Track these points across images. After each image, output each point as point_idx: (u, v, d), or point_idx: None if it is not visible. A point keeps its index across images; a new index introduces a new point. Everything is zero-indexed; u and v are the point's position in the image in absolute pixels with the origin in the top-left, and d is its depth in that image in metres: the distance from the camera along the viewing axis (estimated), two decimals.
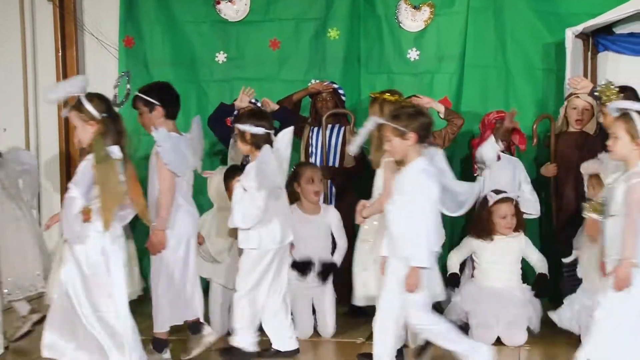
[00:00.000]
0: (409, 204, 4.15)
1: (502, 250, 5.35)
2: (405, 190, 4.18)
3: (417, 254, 4.12)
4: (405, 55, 6.62)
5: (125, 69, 6.83)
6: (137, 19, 6.88)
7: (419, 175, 4.16)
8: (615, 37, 6.40)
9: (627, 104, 4.08)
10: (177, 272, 4.74)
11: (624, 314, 3.94)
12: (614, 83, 4.64)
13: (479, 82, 6.46)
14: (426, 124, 4.24)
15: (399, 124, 4.20)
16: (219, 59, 6.83)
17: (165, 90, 4.95)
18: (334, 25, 6.67)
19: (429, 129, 4.28)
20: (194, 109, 6.81)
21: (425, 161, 4.21)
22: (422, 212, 4.12)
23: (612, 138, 4.03)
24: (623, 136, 3.97)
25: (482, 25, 6.45)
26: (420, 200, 4.13)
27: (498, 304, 5.19)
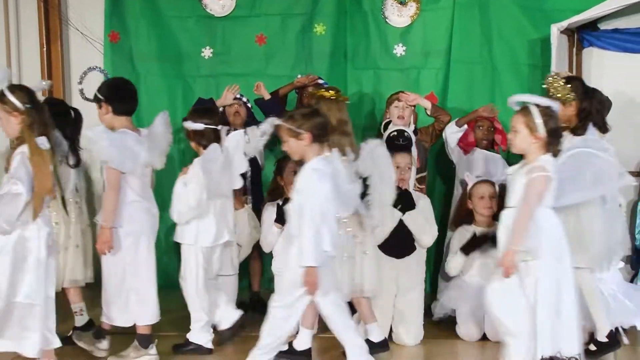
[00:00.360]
0: (302, 203, 4.15)
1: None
2: (298, 189, 4.19)
3: (303, 253, 4.11)
4: (392, 51, 6.63)
5: (110, 64, 6.83)
6: (122, 13, 6.84)
7: (310, 175, 4.16)
8: (599, 33, 6.44)
9: (526, 97, 4.13)
10: (130, 270, 4.70)
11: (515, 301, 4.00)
12: (560, 75, 4.71)
13: (465, 78, 6.49)
14: (321, 124, 4.24)
15: (293, 124, 4.21)
16: (205, 54, 6.81)
17: (115, 87, 4.87)
18: (321, 21, 6.68)
19: (324, 128, 4.26)
20: (180, 104, 6.81)
21: (320, 161, 4.20)
22: (311, 211, 4.10)
23: (512, 132, 4.08)
24: (522, 129, 4.02)
25: (468, 21, 6.48)
26: (309, 200, 4.12)
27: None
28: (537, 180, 3.96)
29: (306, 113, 4.28)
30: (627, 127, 6.30)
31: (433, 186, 6.43)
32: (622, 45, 6.41)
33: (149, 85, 6.83)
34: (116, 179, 4.62)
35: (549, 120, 4.00)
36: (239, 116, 6.00)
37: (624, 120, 6.26)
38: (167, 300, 5.00)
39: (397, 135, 5.15)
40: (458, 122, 5.88)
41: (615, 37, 6.42)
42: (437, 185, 6.52)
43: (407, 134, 5.18)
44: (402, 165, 5.06)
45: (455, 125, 5.86)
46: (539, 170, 3.96)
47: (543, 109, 4.01)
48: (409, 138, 5.15)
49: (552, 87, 4.63)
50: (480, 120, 5.87)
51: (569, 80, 4.69)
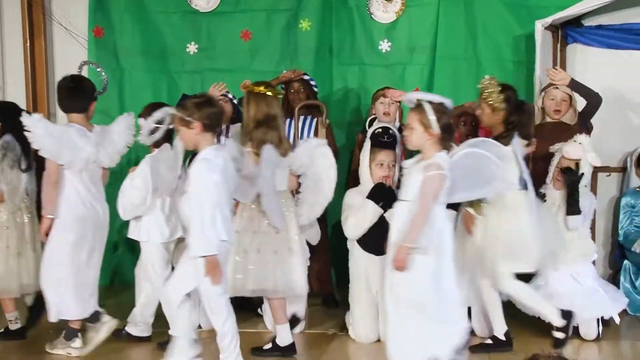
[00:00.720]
0: (192, 193, 4.17)
1: None
2: (190, 180, 4.21)
3: (194, 243, 4.14)
4: (377, 47, 6.63)
5: (95, 59, 6.79)
6: (106, 8, 6.80)
7: (199, 164, 4.18)
8: (583, 29, 6.46)
9: (420, 95, 4.18)
10: (70, 261, 4.74)
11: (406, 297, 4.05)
12: (497, 80, 4.79)
13: (450, 74, 6.49)
14: (212, 114, 4.25)
15: (184, 113, 4.24)
16: (190, 49, 6.79)
17: (60, 87, 4.91)
18: (306, 17, 6.66)
19: (215, 118, 4.27)
20: (164, 99, 6.75)
21: (211, 151, 4.22)
22: (200, 201, 4.12)
23: (408, 129, 4.13)
24: (417, 127, 4.06)
25: (453, 17, 6.49)
26: (198, 190, 4.14)
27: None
28: (433, 179, 3.98)
29: (198, 102, 4.27)
30: (611, 123, 6.34)
31: None
32: (605, 42, 6.43)
33: (134, 81, 6.80)
34: (54, 170, 4.70)
35: (442, 116, 4.04)
36: (225, 112, 5.99)
37: (608, 117, 6.30)
38: None
39: (381, 132, 5.13)
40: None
41: (599, 33, 6.44)
42: None
43: (392, 131, 5.17)
44: (386, 162, 5.06)
45: None
46: (435, 168, 3.99)
47: (436, 106, 4.05)
48: (393, 135, 5.14)
49: (486, 90, 4.70)
50: (464, 115, 5.87)
51: (503, 89, 4.74)
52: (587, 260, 5.17)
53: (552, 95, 5.71)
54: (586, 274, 5.13)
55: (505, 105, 4.72)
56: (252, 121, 4.77)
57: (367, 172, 5.11)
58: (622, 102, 6.42)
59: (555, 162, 5.15)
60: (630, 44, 6.38)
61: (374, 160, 5.08)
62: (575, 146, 5.11)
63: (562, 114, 5.72)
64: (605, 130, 6.20)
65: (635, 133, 6.43)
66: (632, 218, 6.01)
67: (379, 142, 5.10)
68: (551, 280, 5.10)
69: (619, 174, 6.40)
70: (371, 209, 5.01)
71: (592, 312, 5.02)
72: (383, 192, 5.02)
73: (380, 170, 5.05)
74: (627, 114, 6.46)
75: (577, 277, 5.09)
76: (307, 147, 4.90)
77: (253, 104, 4.80)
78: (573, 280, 5.08)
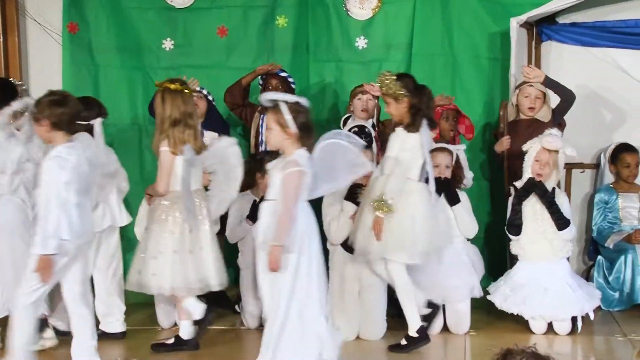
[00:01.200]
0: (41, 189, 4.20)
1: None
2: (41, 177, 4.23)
3: (37, 241, 4.15)
4: (354, 44, 6.64)
5: (69, 55, 6.74)
6: (81, 4, 6.73)
7: (50, 162, 4.20)
8: (558, 26, 6.51)
9: (275, 95, 4.25)
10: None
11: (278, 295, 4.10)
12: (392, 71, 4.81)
13: (426, 71, 6.50)
14: (62, 114, 4.24)
15: (35, 109, 4.29)
16: (165, 46, 6.75)
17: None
18: (282, 13, 6.65)
19: (66, 118, 4.25)
20: (140, 96, 6.75)
21: (64, 148, 4.20)
22: (48, 199, 4.13)
23: (267, 129, 4.20)
24: (274, 127, 4.12)
25: (429, 14, 6.50)
26: (47, 187, 4.16)
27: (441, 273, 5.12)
28: (291, 176, 4.04)
29: (50, 101, 4.28)
30: (584, 119, 6.40)
31: None
32: (579, 39, 6.48)
33: (109, 77, 6.75)
34: None
35: (298, 115, 4.09)
36: (198, 108, 5.96)
37: (581, 113, 6.37)
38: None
39: (358, 132, 5.11)
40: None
41: (573, 30, 6.49)
42: None
43: (368, 129, 5.16)
44: None
45: None
46: (292, 166, 4.05)
47: (292, 105, 4.10)
48: (369, 135, 5.14)
49: (383, 83, 4.72)
50: (446, 110, 5.88)
51: (399, 77, 4.77)
52: (563, 257, 5.21)
53: (527, 92, 5.76)
54: (561, 270, 5.18)
55: (405, 91, 4.70)
56: (168, 119, 4.76)
57: None
58: (595, 99, 6.48)
59: (531, 158, 5.18)
60: (604, 42, 6.43)
61: None
62: (554, 137, 5.15)
63: (536, 111, 5.77)
64: (578, 126, 6.27)
65: (608, 129, 6.50)
66: (605, 214, 6.07)
67: None
68: (525, 276, 5.15)
69: (593, 170, 6.47)
70: (351, 211, 5.00)
71: (566, 312, 5.07)
72: (357, 193, 5.00)
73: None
74: (600, 111, 6.53)
75: (552, 274, 5.13)
76: (219, 146, 4.93)
77: (169, 102, 4.78)
78: (548, 276, 5.12)
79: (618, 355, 4.75)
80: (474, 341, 5.08)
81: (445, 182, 5.17)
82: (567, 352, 4.87)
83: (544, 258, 5.14)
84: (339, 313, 4.97)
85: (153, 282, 4.71)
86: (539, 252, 5.15)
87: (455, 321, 5.20)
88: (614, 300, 5.70)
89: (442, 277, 5.09)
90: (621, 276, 5.71)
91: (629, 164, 6.07)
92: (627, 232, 5.88)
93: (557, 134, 5.21)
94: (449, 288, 5.10)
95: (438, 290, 5.09)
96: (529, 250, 5.18)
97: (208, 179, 4.98)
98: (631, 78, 6.41)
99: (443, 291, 5.10)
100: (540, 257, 5.15)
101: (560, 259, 5.18)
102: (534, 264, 5.17)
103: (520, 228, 5.18)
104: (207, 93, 6.08)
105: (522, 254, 5.21)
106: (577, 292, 5.12)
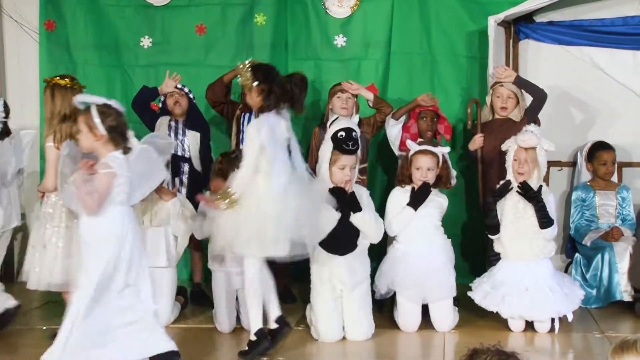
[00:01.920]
0: None
1: (425, 207, 5.20)
2: None
3: None
4: (332, 42, 6.64)
5: (46, 53, 6.70)
6: (58, 2, 6.71)
7: None
8: (535, 25, 6.56)
9: (87, 98, 4.23)
10: None
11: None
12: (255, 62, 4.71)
13: (404, 69, 6.54)
14: None
15: None
16: (144, 43, 6.72)
17: None
18: (261, 11, 6.64)
19: None
20: (118, 94, 6.71)
21: None
22: None
23: (79, 132, 4.18)
24: (83, 129, 4.12)
25: (407, 12, 6.52)
26: None
27: (422, 273, 5.10)
28: (100, 178, 4.04)
29: None
30: (562, 117, 6.46)
31: (374, 177, 6.48)
32: (557, 38, 6.52)
33: (87, 75, 6.70)
34: None
35: (107, 118, 4.09)
36: (179, 106, 5.96)
37: (559, 111, 6.44)
38: None
39: (345, 138, 4.94)
40: (394, 114, 5.86)
41: (551, 29, 6.53)
42: (378, 176, 6.55)
43: (355, 133, 4.98)
44: (348, 165, 4.95)
45: (392, 119, 5.86)
46: (102, 167, 4.06)
47: (100, 108, 4.11)
48: (356, 139, 4.98)
49: (241, 74, 4.67)
50: (424, 110, 5.90)
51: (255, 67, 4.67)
52: (545, 257, 5.20)
53: (498, 92, 5.81)
54: (542, 271, 5.17)
55: (253, 79, 4.59)
56: (58, 115, 4.77)
57: (327, 172, 4.99)
58: (572, 97, 6.54)
59: (510, 158, 5.20)
60: (581, 40, 6.49)
61: (336, 163, 4.95)
62: (529, 134, 5.16)
63: (509, 111, 5.81)
64: (556, 124, 6.32)
65: (585, 127, 6.55)
66: (582, 212, 6.11)
67: (343, 149, 4.94)
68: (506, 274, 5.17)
69: (570, 168, 6.52)
70: (331, 215, 4.90)
71: (543, 313, 5.07)
72: (343, 197, 4.95)
73: (341, 174, 4.95)
74: (577, 109, 6.58)
75: (533, 274, 5.15)
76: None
77: (59, 97, 4.79)
78: (529, 276, 5.13)
79: (595, 352, 4.79)
80: (453, 339, 5.08)
81: (423, 188, 5.15)
82: (546, 349, 4.90)
83: (524, 258, 5.15)
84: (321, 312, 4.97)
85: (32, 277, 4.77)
86: (519, 252, 5.16)
87: (438, 319, 5.18)
88: (592, 297, 5.74)
89: (422, 276, 5.09)
90: (598, 273, 5.75)
91: (605, 161, 6.12)
92: (604, 230, 5.94)
93: (533, 130, 5.21)
94: (429, 287, 5.10)
95: (418, 289, 5.09)
96: (510, 250, 5.19)
97: None
98: (608, 76, 6.48)
99: (423, 291, 5.10)
100: (520, 257, 5.16)
101: (540, 259, 5.17)
102: (515, 263, 5.18)
103: (497, 227, 5.20)
104: (188, 91, 6.05)
105: (503, 252, 5.24)
106: (557, 294, 5.10)
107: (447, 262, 5.22)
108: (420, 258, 5.15)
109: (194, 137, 5.94)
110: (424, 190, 5.17)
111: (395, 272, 5.17)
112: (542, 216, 5.11)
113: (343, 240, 4.98)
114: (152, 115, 6.03)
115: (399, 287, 5.15)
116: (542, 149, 5.18)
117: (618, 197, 6.09)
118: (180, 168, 5.89)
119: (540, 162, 5.19)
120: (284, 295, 5.94)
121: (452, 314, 5.23)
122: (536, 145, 5.14)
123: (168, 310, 5.28)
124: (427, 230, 5.22)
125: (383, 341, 5.04)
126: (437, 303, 5.16)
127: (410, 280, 5.10)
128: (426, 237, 5.22)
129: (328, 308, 5.00)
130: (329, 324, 4.99)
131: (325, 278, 5.01)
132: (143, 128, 6.07)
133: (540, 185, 5.20)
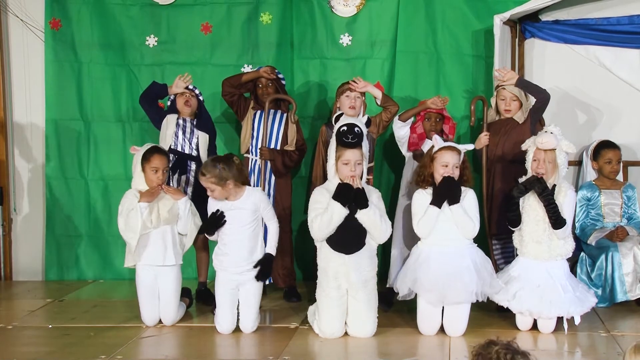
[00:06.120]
0: None
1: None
2: None
3: None
4: (338, 41, 6.64)
5: (52, 52, 6.71)
6: (64, 0, 6.70)
7: None
8: (541, 24, 6.55)
9: None
10: None
11: None
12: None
13: (410, 68, 6.53)
14: None
15: None
16: (149, 42, 6.72)
17: None
18: (267, 10, 6.64)
19: None
20: (123, 93, 6.73)
21: None
22: None
23: None
24: None
25: (413, 11, 6.52)
26: None
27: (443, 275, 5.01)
28: None
29: None
30: (567, 116, 6.46)
31: (380, 177, 6.47)
32: (562, 37, 6.52)
33: (92, 74, 6.73)
34: None
35: None
36: (189, 106, 5.94)
37: (564, 110, 6.43)
38: None
39: (346, 131, 4.98)
40: (402, 116, 5.79)
41: (556, 28, 6.53)
42: (384, 175, 6.55)
43: (358, 129, 4.99)
44: (352, 161, 4.95)
45: (399, 121, 5.81)
46: None
47: None
48: (359, 133, 4.99)
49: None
50: (428, 111, 5.88)
51: None
52: (562, 258, 5.18)
53: (502, 95, 5.80)
54: (558, 270, 5.13)
55: None
56: None
57: (334, 169, 5.02)
58: (578, 96, 6.53)
59: (530, 157, 5.18)
60: (586, 39, 6.49)
61: (340, 159, 4.97)
62: (549, 136, 5.09)
63: (513, 113, 5.79)
64: (561, 123, 6.24)
65: (591, 126, 6.55)
66: (588, 211, 6.10)
67: (344, 142, 4.97)
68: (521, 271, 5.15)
69: (575, 167, 6.51)
70: (337, 211, 4.91)
71: (552, 310, 5.04)
72: (349, 192, 4.93)
73: (345, 169, 4.96)
74: (583, 108, 6.57)
75: (548, 273, 5.11)
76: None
77: None
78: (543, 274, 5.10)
79: (601, 351, 4.79)
80: (457, 338, 5.04)
81: (447, 181, 5.05)
82: (552, 349, 4.89)
83: (542, 257, 5.10)
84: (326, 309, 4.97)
85: None
86: (537, 251, 5.11)
87: (450, 324, 5.10)
88: (597, 297, 5.72)
89: (442, 278, 5.00)
90: (603, 273, 5.75)
91: (610, 160, 6.11)
92: (610, 229, 5.93)
93: (553, 131, 5.14)
94: (448, 289, 4.99)
95: (438, 291, 5.01)
96: (527, 248, 5.14)
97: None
98: (613, 75, 6.47)
99: (441, 293, 5.01)
100: (537, 256, 5.11)
101: (558, 260, 5.14)
102: (531, 262, 5.13)
103: (517, 221, 5.14)
104: (198, 93, 6.03)
105: (520, 249, 5.20)
106: (568, 294, 5.07)
107: (470, 266, 5.05)
108: (442, 260, 5.04)
109: (204, 138, 5.92)
110: (446, 186, 5.06)
111: (417, 273, 5.07)
112: (553, 216, 5.05)
113: (349, 238, 4.97)
114: (159, 111, 6.03)
115: (419, 289, 5.07)
116: (562, 150, 5.14)
117: (623, 196, 6.09)
118: (188, 166, 5.88)
119: (560, 163, 5.13)
120: (288, 295, 5.97)
121: (466, 321, 5.10)
122: (555, 147, 5.08)
123: (173, 310, 5.29)
124: (452, 232, 5.09)
125: (386, 339, 5.03)
126: (453, 306, 5.05)
127: (430, 282, 5.01)
128: (450, 239, 5.08)
129: (333, 305, 5.00)
130: (332, 321, 5.00)
131: (331, 276, 5.00)
132: (151, 126, 6.11)
133: (554, 185, 5.16)
